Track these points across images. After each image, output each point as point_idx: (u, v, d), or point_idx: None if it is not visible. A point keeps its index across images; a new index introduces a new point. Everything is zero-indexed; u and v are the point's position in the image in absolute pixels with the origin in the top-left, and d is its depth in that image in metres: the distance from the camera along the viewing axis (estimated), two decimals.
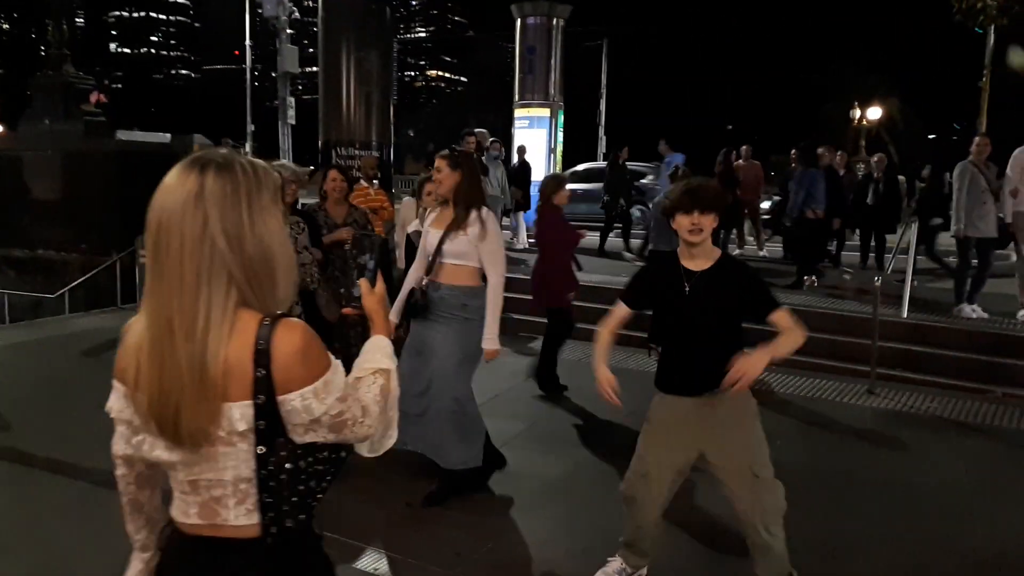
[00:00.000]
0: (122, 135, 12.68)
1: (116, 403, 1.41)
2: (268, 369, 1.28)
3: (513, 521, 3.82)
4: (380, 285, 1.71)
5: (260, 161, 1.40)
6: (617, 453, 4.87)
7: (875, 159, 10.82)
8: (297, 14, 19.97)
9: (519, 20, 13.92)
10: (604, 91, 29.42)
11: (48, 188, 12.18)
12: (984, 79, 20.56)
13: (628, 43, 42.73)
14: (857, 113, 31.29)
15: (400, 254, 5.49)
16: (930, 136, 40.86)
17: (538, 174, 12.52)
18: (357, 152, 10.42)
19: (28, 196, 12.37)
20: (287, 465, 1.34)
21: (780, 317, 2.79)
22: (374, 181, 7.73)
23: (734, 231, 11.79)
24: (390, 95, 11.09)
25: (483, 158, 10.78)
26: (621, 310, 3.07)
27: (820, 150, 9.56)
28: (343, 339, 4.80)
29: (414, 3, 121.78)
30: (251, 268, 1.31)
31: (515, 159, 12.28)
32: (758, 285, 2.89)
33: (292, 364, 1.30)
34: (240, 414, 1.29)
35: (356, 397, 1.42)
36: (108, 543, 3.65)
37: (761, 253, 11.84)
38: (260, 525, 1.35)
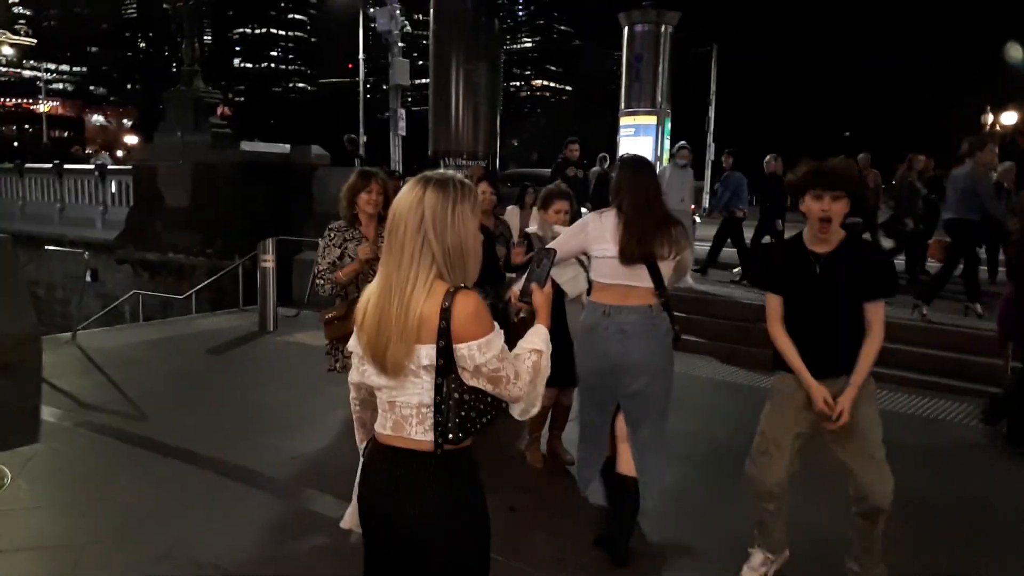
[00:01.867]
0: (246, 146, 13.34)
1: (353, 341, 1.97)
2: (448, 322, 1.77)
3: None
4: (548, 287, 2.08)
5: (467, 180, 1.90)
6: (719, 467, 4.78)
7: (1004, 167, 10.16)
8: (409, 28, 20.57)
9: (626, 28, 13.85)
10: (713, 98, 28.83)
11: (179, 196, 12.99)
12: None
13: (740, 49, 41.67)
14: (990, 118, 29.38)
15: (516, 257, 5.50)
16: None
17: None
18: (464, 162, 10.63)
19: (161, 203, 13.23)
20: (455, 395, 1.81)
21: (872, 310, 2.81)
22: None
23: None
24: (497, 106, 11.26)
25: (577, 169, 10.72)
26: (776, 300, 2.99)
27: (767, 158, 10.16)
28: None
29: (521, 14, 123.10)
30: (449, 254, 1.81)
31: (595, 168, 12.11)
32: (881, 267, 2.87)
33: (465, 321, 1.78)
34: (426, 353, 1.79)
35: (511, 362, 1.86)
36: (230, 530, 3.90)
37: None
38: (432, 441, 1.82)
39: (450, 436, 1.82)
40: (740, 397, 6.43)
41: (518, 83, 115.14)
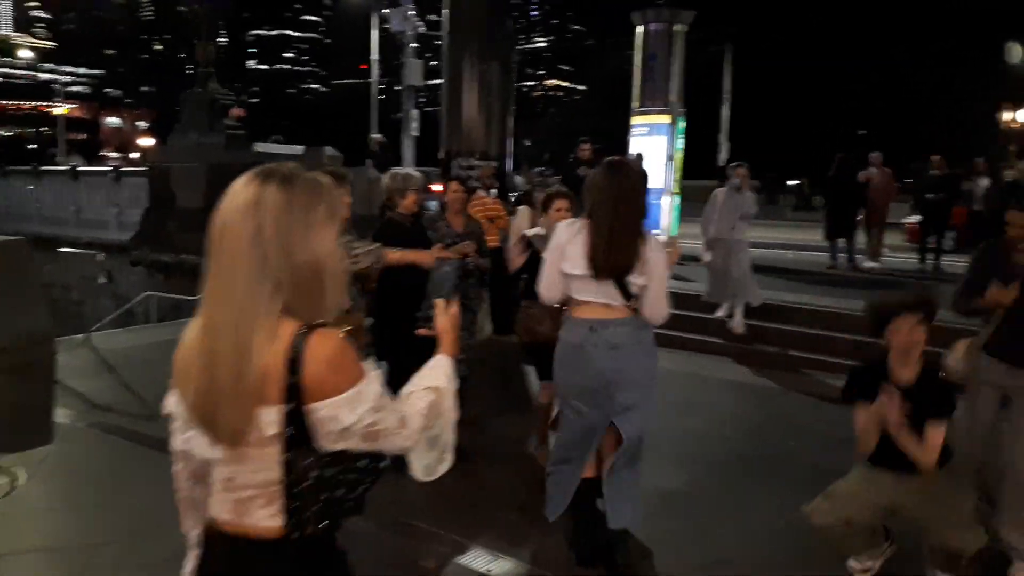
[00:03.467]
0: (259, 147, 13.41)
1: (171, 400, 1.50)
2: (298, 377, 1.32)
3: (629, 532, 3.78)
4: (454, 309, 1.74)
5: (323, 176, 1.45)
6: (730, 468, 4.76)
7: (1022, 166, 10.05)
8: (423, 28, 20.66)
9: (640, 27, 13.80)
10: (728, 97, 28.69)
11: (192, 197, 13.06)
12: None
13: (755, 48, 41.48)
14: (1005, 115, 29.03)
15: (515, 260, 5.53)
16: None
17: (656, 181, 12.37)
18: (477, 162, 10.61)
19: (175, 205, 13.33)
20: (312, 473, 1.37)
21: (932, 430, 2.90)
22: (491, 191, 7.87)
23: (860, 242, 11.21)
24: (510, 105, 11.24)
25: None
26: (863, 410, 3.07)
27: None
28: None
29: (534, 13, 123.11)
30: (299, 276, 1.36)
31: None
32: (946, 393, 3.03)
33: (322, 373, 1.33)
34: (271, 418, 1.34)
35: (394, 408, 1.45)
36: None
37: (869, 264, 11.11)
38: (283, 528, 1.39)
39: (308, 529, 1.39)
40: (753, 398, 6.40)
41: (531, 83, 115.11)
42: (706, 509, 4.19)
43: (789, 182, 31.64)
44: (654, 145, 12.87)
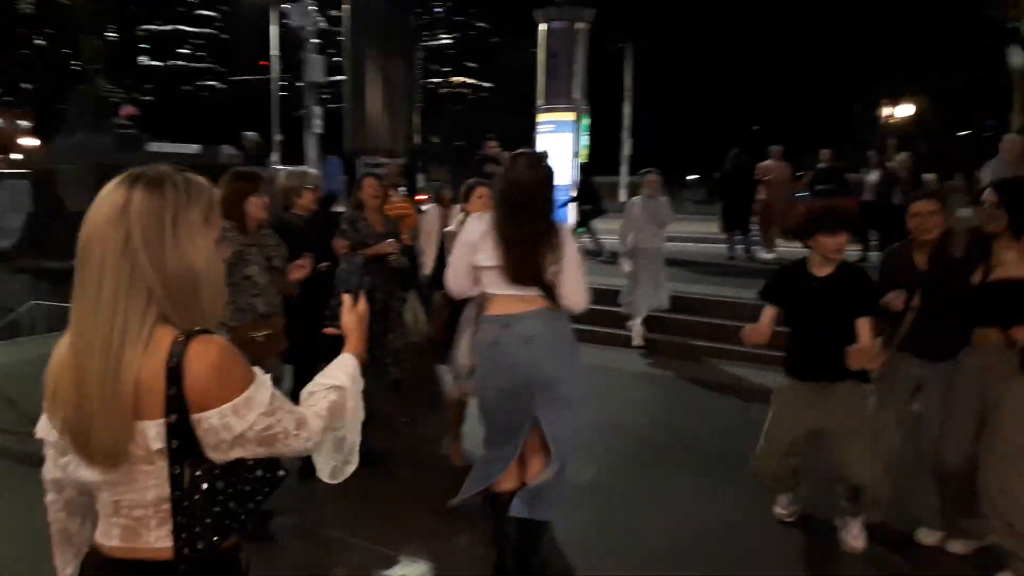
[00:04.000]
0: (153, 147, 12.87)
1: (43, 425, 1.40)
2: (180, 387, 1.26)
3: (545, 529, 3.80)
4: (362, 304, 1.72)
5: (198, 178, 1.39)
6: (642, 458, 4.86)
7: (900, 158, 10.70)
8: (324, 23, 20.21)
9: (543, 25, 13.93)
10: (629, 94, 29.30)
11: (81, 200, 12.12)
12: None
13: (653, 46, 42.56)
14: (885, 111, 30.80)
15: (427, 260, 5.49)
16: (960, 134, 40.10)
17: (563, 177, 12.50)
18: (383, 160, 10.48)
19: (62, 208, 12.59)
20: (203, 485, 1.32)
21: (861, 324, 3.27)
22: (399, 189, 7.78)
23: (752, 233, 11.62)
24: (414, 102, 11.16)
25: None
26: (770, 310, 3.56)
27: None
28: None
29: (438, 10, 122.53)
30: (173, 285, 1.30)
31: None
32: (867, 288, 3.40)
33: (206, 382, 1.28)
34: (156, 433, 1.28)
35: (290, 410, 1.39)
36: None
37: (765, 255, 11.42)
38: (173, 548, 1.32)
39: (199, 545, 1.32)
40: (659, 388, 6.55)
41: (437, 80, 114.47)
42: (619, 500, 4.25)
43: (689, 176, 32.57)
44: (560, 142, 13.01)
